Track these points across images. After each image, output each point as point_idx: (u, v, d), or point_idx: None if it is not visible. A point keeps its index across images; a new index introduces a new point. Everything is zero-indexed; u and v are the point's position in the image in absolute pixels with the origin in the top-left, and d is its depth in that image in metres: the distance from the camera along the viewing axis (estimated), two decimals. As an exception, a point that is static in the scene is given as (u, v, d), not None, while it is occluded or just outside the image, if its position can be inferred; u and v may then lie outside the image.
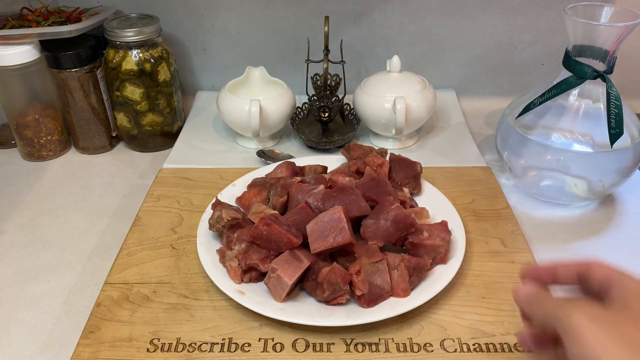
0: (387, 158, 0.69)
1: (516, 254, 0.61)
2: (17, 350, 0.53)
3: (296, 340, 0.51)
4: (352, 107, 0.86)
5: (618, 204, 0.72)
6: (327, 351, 0.50)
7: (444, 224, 0.58)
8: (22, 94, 0.80)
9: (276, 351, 0.50)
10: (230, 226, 0.58)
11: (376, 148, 0.72)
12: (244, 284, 0.55)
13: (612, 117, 0.62)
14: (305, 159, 0.74)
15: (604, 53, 0.63)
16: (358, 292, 0.52)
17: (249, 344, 0.51)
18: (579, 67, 0.64)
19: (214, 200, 0.64)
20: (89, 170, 0.82)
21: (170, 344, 0.51)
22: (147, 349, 0.50)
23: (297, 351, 0.50)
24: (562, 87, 0.66)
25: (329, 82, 0.84)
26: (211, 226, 0.60)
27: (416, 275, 0.54)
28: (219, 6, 0.91)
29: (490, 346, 0.50)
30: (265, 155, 0.80)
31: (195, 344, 0.51)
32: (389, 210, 0.56)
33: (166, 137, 0.87)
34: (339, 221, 0.53)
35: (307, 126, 0.87)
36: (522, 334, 0.40)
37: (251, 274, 0.56)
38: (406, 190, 0.65)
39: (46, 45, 0.78)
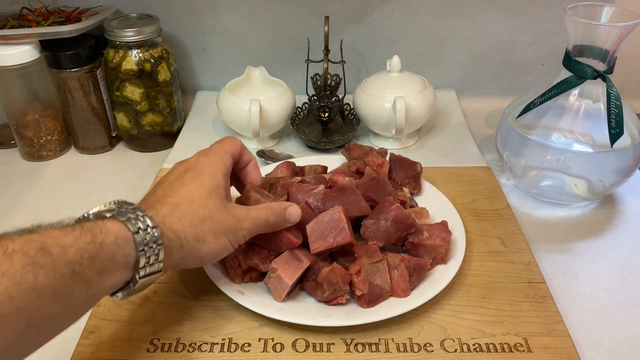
0: (387, 158, 0.69)
1: (516, 254, 0.61)
2: (17, 350, 0.52)
3: (296, 340, 0.51)
4: (352, 107, 0.86)
5: (618, 204, 0.72)
6: (327, 351, 0.50)
7: (444, 224, 0.58)
8: (22, 94, 0.80)
9: (276, 351, 0.50)
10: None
11: (376, 148, 0.72)
12: (244, 284, 0.55)
13: (612, 117, 0.62)
14: (305, 159, 0.74)
15: (604, 53, 0.63)
16: (358, 292, 0.52)
17: (249, 344, 0.51)
18: (579, 67, 0.64)
19: (214, 200, 0.64)
20: (89, 170, 0.82)
21: (170, 344, 0.51)
22: (147, 349, 0.50)
23: (297, 351, 0.50)
24: (562, 87, 0.66)
25: (329, 82, 0.84)
26: (211, 226, 0.60)
27: (416, 276, 0.54)
28: (219, 6, 0.91)
29: (490, 346, 0.50)
30: (265, 155, 0.80)
31: (195, 344, 0.51)
32: (389, 210, 0.56)
33: (166, 137, 0.87)
34: (339, 221, 0.53)
35: (307, 126, 0.87)
36: None
37: (251, 274, 0.56)
38: (406, 190, 0.65)
39: (46, 45, 0.78)
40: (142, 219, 0.41)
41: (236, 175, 0.58)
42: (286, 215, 0.52)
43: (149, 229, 0.41)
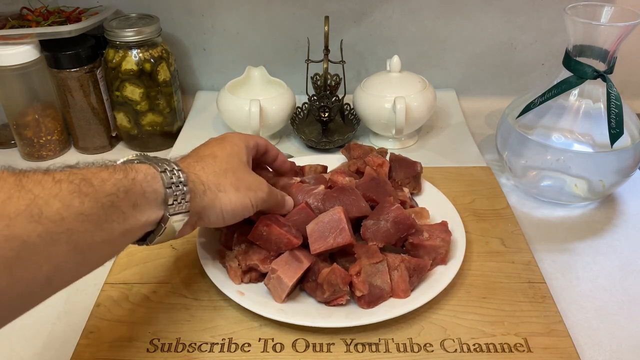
0: (387, 158, 0.69)
1: (516, 254, 0.61)
2: (17, 351, 0.53)
3: (296, 340, 0.51)
4: (352, 107, 0.86)
5: (618, 204, 0.72)
6: (327, 351, 0.50)
7: (444, 225, 0.58)
8: (22, 94, 0.80)
9: (276, 351, 0.50)
10: (230, 226, 0.58)
11: (376, 148, 0.72)
12: (244, 284, 0.55)
13: (612, 117, 0.62)
14: (305, 159, 0.74)
15: (604, 53, 0.63)
16: (358, 293, 0.52)
17: (249, 344, 0.51)
18: (579, 67, 0.64)
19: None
20: (89, 170, 0.82)
21: (170, 344, 0.51)
22: (147, 349, 0.50)
23: (297, 351, 0.50)
24: (562, 87, 0.66)
25: (329, 82, 0.84)
26: (211, 226, 0.60)
27: (416, 276, 0.54)
28: (219, 6, 0.91)
29: (490, 346, 0.50)
30: (265, 155, 0.80)
31: (195, 344, 0.51)
32: (389, 210, 0.56)
33: (166, 137, 0.87)
34: (339, 222, 0.53)
35: (307, 126, 0.87)
36: None
37: (251, 274, 0.56)
38: (406, 190, 0.65)
39: (46, 45, 0.78)
40: (167, 163, 0.44)
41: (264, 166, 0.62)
42: (285, 201, 0.56)
43: (175, 171, 0.43)
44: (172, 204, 0.43)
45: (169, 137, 0.87)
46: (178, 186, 0.43)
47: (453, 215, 0.63)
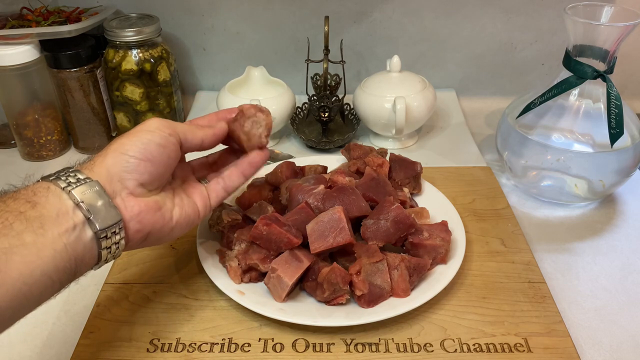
0: (387, 158, 0.69)
1: (516, 254, 0.61)
2: (17, 350, 0.53)
3: (296, 340, 0.51)
4: (352, 107, 0.87)
5: (618, 204, 0.72)
6: (327, 351, 0.50)
7: (444, 224, 0.58)
8: (22, 94, 0.80)
9: (276, 351, 0.50)
10: (230, 226, 0.58)
11: (376, 148, 0.72)
12: (244, 284, 0.55)
13: (612, 117, 0.62)
14: (305, 159, 0.74)
15: (604, 53, 0.63)
16: (358, 292, 0.52)
17: (249, 344, 0.51)
18: (579, 67, 0.64)
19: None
20: (88, 170, 0.82)
21: (170, 344, 0.51)
22: (147, 349, 0.50)
23: (297, 351, 0.50)
24: (562, 87, 0.66)
25: (329, 82, 0.84)
26: (211, 226, 0.60)
27: (416, 276, 0.54)
28: (219, 6, 0.91)
29: (490, 346, 0.50)
30: (265, 155, 0.80)
31: (195, 344, 0.51)
32: (389, 210, 0.56)
33: (166, 137, 0.87)
34: (339, 221, 0.53)
35: (307, 126, 0.87)
36: None
37: (251, 274, 0.56)
38: (406, 190, 0.65)
39: (46, 45, 0.78)
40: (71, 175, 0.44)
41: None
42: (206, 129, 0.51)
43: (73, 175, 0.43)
44: (67, 183, 0.42)
45: (169, 137, 0.87)
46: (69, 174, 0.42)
47: (453, 215, 0.63)
